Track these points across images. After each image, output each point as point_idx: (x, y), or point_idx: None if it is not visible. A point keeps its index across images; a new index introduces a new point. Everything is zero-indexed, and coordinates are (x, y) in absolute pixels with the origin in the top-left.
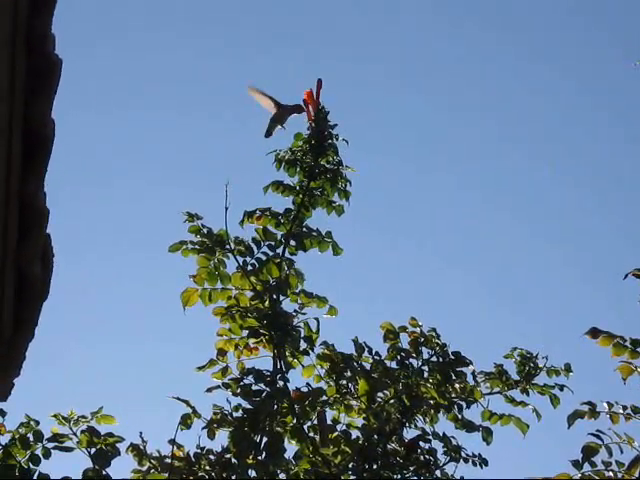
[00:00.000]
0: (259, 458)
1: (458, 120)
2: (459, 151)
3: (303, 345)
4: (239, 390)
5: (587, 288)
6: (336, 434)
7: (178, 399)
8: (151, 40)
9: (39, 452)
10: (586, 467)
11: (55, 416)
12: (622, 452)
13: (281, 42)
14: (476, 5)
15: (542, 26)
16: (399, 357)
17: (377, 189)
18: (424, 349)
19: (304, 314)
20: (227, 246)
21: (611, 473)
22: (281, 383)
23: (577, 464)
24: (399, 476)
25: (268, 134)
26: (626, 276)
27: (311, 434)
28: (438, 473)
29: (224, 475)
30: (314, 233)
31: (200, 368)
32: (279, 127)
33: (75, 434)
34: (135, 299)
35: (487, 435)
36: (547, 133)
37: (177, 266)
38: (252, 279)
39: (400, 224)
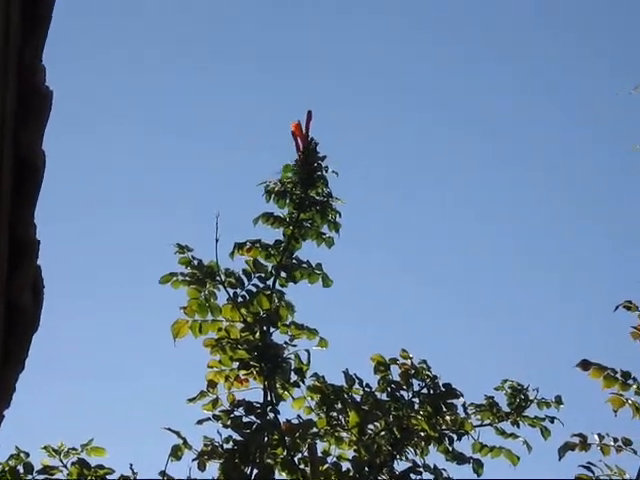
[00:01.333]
0: None
1: (446, 141)
2: (447, 171)
3: (293, 377)
4: (229, 422)
5: (578, 320)
6: (327, 466)
7: (169, 430)
8: (139, 71)
9: None
10: None
11: (45, 448)
12: None
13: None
14: (459, 25)
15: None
16: (390, 389)
17: (364, 217)
18: (415, 381)
19: (294, 346)
20: (217, 278)
21: None
22: (271, 415)
23: None
24: None
25: None
26: (617, 308)
27: (302, 466)
28: None
29: None
30: (304, 265)
31: (191, 400)
32: None
33: (65, 466)
34: (125, 331)
35: (478, 467)
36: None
37: (168, 298)
38: (242, 311)
39: (390, 252)
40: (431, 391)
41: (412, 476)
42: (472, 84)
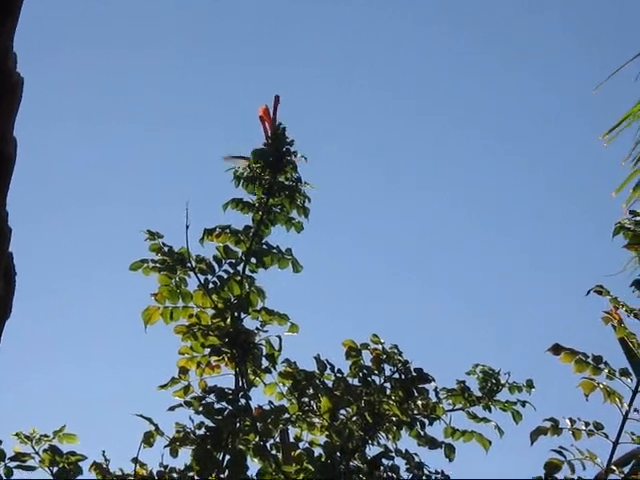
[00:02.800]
0: (222, 476)
1: (428, 128)
2: (427, 160)
3: (265, 363)
4: (201, 408)
5: (549, 304)
6: (299, 452)
7: (141, 417)
8: (110, 56)
9: (1, 471)
10: None
11: (17, 435)
12: (584, 468)
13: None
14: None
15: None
16: (361, 374)
17: (336, 202)
18: (386, 366)
19: (266, 332)
20: (188, 264)
21: None
22: (243, 401)
23: None
24: None
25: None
26: (588, 292)
27: (274, 452)
28: None
29: None
30: (274, 250)
31: (162, 386)
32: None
33: (37, 453)
34: (96, 318)
35: (450, 452)
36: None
37: (138, 285)
38: (213, 297)
39: (360, 236)
40: (402, 376)
41: (384, 461)
42: (451, 69)
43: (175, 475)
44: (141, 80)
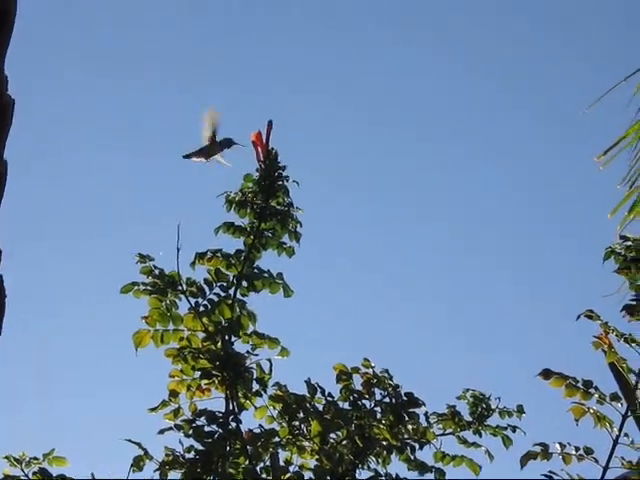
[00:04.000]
0: None
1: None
2: (418, 183)
3: (255, 386)
4: (191, 431)
5: (539, 328)
6: (289, 475)
7: (130, 441)
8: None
9: None
10: None
11: (7, 458)
12: None
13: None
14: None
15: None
16: (352, 398)
17: (327, 225)
18: (377, 390)
19: (256, 355)
20: (179, 287)
21: None
22: (233, 424)
23: None
24: None
25: (187, 156)
26: (578, 317)
27: (264, 475)
28: None
29: None
30: (265, 274)
31: (152, 409)
32: (202, 160)
33: (27, 476)
34: (86, 340)
35: (440, 476)
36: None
37: (129, 308)
38: (204, 320)
39: (351, 261)
40: (393, 400)
41: None
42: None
43: None
44: (131, 104)
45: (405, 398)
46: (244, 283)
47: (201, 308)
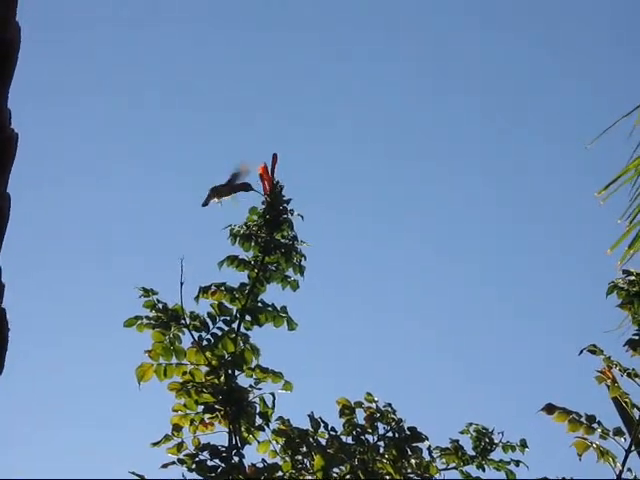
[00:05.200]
0: None
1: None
2: (420, 215)
3: (258, 420)
4: (194, 466)
5: (543, 363)
6: None
7: (134, 474)
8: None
9: None
10: None
11: None
12: None
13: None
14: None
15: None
16: (355, 432)
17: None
18: (380, 424)
19: (260, 389)
20: (182, 321)
21: None
22: (236, 459)
23: None
24: None
25: (204, 204)
26: (581, 352)
27: None
28: None
29: None
30: (269, 308)
31: (155, 444)
32: (216, 201)
33: None
34: (89, 374)
35: None
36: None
37: (132, 341)
38: (207, 354)
39: (355, 295)
40: (396, 434)
41: None
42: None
43: None
44: (135, 133)
45: (408, 432)
46: (248, 317)
47: (204, 342)
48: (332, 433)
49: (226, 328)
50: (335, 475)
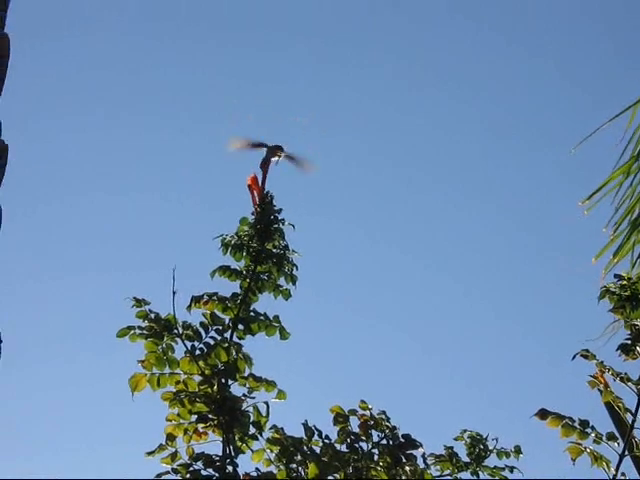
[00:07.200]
0: None
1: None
2: (413, 224)
3: (252, 429)
4: (188, 475)
5: (535, 369)
6: None
7: None
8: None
9: None
10: None
11: None
12: None
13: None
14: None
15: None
16: (349, 440)
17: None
18: (374, 432)
19: (253, 398)
20: (175, 331)
21: None
22: (230, 468)
23: None
24: None
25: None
26: (574, 357)
27: None
28: None
29: None
30: (262, 317)
31: (149, 453)
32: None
33: None
34: (82, 384)
35: None
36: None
37: (125, 352)
38: (200, 363)
39: (348, 302)
40: (390, 442)
41: None
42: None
43: None
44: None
45: (402, 440)
46: (240, 326)
47: (197, 351)
48: (326, 441)
49: (219, 337)
50: None
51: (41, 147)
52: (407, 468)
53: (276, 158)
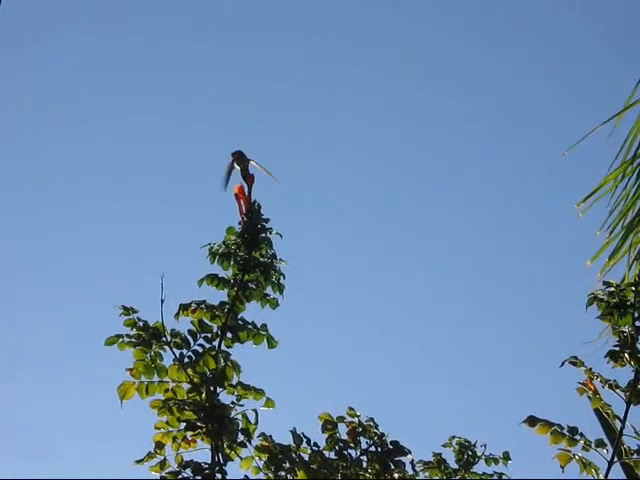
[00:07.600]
0: None
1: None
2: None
3: (241, 437)
4: None
5: (524, 375)
6: None
7: None
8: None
9: None
10: None
11: None
12: None
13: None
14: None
15: None
16: (337, 447)
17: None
18: (362, 439)
19: (241, 406)
20: (163, 339)
21: None
22: (219, 476)
23: None
24: None
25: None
26: (563, 364)
27: None
28: None
29: None
30: (249, 326)
31: (138, 461)
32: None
33: None
34: (71, 393)
35: None
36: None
37: (113, 360)
38: (189, 371)
39: (335, 309)
40: (379, 449)
41: None
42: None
43: None
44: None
45: (391, 446)
46: (228, 334)
47: (186, 359)
48: (315, 448)
49: (207, 345)
50: None
51: (33, 154)
52: (396, 475)
53: (240, 165)
